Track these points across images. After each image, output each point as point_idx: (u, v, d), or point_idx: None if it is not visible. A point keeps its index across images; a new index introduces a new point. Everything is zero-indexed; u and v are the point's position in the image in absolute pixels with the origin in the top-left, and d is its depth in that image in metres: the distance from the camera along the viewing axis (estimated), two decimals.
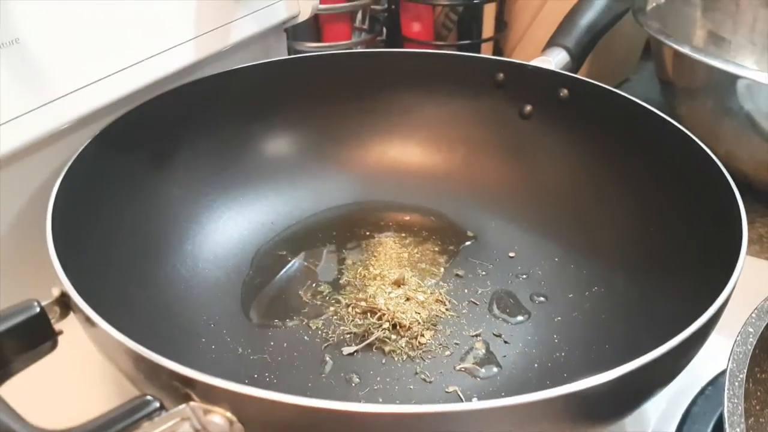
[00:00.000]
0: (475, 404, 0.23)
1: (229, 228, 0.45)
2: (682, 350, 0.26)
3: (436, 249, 0.46)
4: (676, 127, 0.40)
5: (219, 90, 0.46)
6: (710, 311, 0.27)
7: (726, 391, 0.29)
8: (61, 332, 0.26)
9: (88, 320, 0.26)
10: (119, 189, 0.39)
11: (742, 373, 0.30)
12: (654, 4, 0.62)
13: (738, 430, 0.28)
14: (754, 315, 0.33)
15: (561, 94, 0.47)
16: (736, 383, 0.30)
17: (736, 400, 0.29)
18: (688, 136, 0.39)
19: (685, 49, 0.52)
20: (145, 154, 0.42)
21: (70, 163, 0.35)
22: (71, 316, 0.27)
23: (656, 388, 0.28)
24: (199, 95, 0.45)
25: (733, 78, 0.49)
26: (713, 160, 0.37)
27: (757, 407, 0.33)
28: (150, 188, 0.41)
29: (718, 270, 0.30)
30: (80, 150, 0.36)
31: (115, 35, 0.39)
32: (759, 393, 0.33)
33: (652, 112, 0.42)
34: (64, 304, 0.27)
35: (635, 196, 0.42)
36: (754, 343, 0.31)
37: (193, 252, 0.42)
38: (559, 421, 0.26)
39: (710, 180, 0.36)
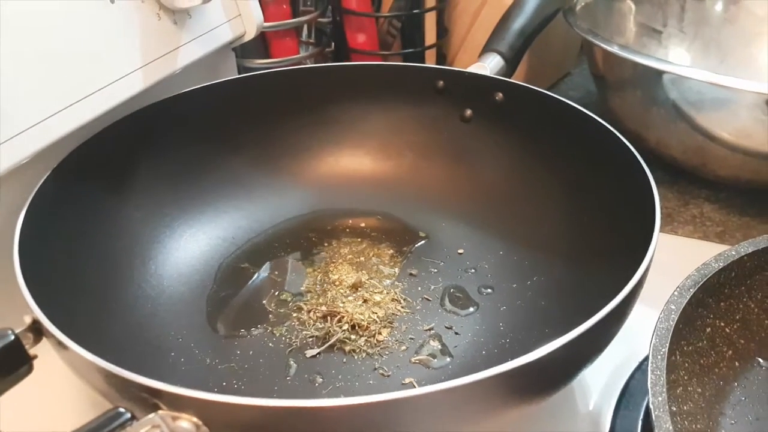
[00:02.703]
0: (424, 389, 0.26)
1: (191, 245, 0.47)
2: (600, 329, 0.29)
3: (391, 251, 0.48)
4: (598, 121, 0.43)
5: (171, 113, 0.48)
6: (618, 297, 0.30)
7: (650, 365, 0.32)
8: (35, 356, 0.28)
9: (59, 344, 0.27)
10: (82, 216, 0.41)
11: (665, 347, 0.33)
12: (583, 3, 0.66)
13: (660, 398, 0.31)
14: (676, 293, 0.36)
15: (497, 98, 0.50)
16: (659, 356, 0.33)
17: (658, 372, 0.32)
18: (608, 128, 0.43)
19: (612, 48, 0.56)
20: (104, 180, 0.44)
21: (32, 196, 0.37)
22: (44, 340, 0.29)
23: (584, 361, 0.32)
24: (152, 120, 0.47)
25: (658, 72, 0.53)
26: (631, 150, 0.40)
27: (685, 377, 0.36)
28: (111, 213, 0.43)
29: (638, 254, 0.33)
30: (41, 182, 0.38)
31: (66, 70, 0.40)
32: (686, 364, 0.37)
33: (577, 109, 0.45)
34: (37, 330, 0.29)
35: (568, 188, 0.46)
36: (676, 318, 0.35)
37: (157, 271, 0.44)
38: (503, 396, 0.28)
39: (629, 169, 0.40)
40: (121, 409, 0.24)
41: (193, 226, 0.48)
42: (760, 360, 0.39)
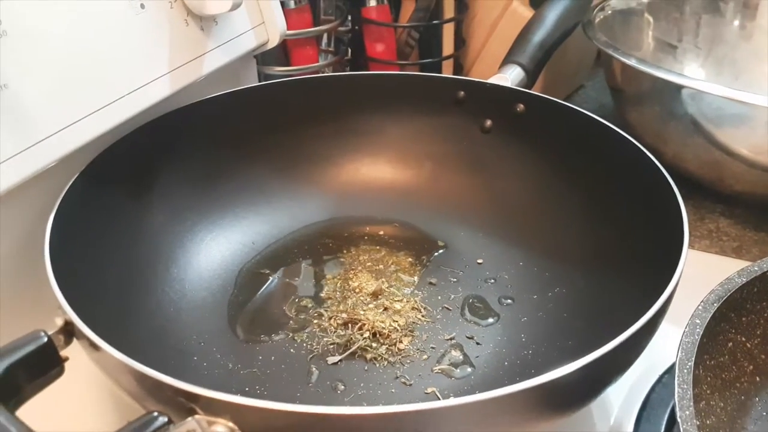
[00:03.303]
0: (452, 401, 0.26)
1: (212, 250, 0.47)
2: (629, 346, 0.29)
3: (410, 259, 0.49)
4: (621, 134, 0.44)
5: (194, 119, 0.48)
6: (651, 312, 0.30)
7: (676, 378, 0.32)
8: (67, 359, 0.28)
9: (92, 345, 0.28)
10: (107, 220, 0.41)
11: (690, 361, 0.33)
12: (602, 17, 0.66)
13: (687, 412, 0.31)
14: (700, 307, 0.36)
15: (517, 109, 0.50)
16: (685, 370, 0.33)
17: (685, 386, 0.32)
18: (632, 142, 0.43)
19: (631, 62, 0.56)
20: (128, 185, 0.44)
21: (60, 199, 0.37)
22: (75, 343, 0.29)
23: (612, 377, 0.32)
24: (176, 125, 0.47)
25: (677, 87, 0.53)
26: (656, 164, 0.41)
27: (708, 391, 0.36)
28: (134, 217, 0.43)
29: (664, 268, 0.34)
30: (69, 185, 0.38)
31: (94, 75, 0.41)
32: (709, 378, 0.37)
33: (599, 121, 0.45)
34: (68, 332, 0.29)
35: (589, 200, 0.46)
36: (701, 333, 0.35)
37: (180, 275, 0.44)
38: (529, 411, 0.29)
39: (654, 182, 0.40)
40: (156, 413, 0.24)
41: (213, 231, 0.48)
42: None
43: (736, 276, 0.38)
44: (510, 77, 0.53)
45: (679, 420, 0.30)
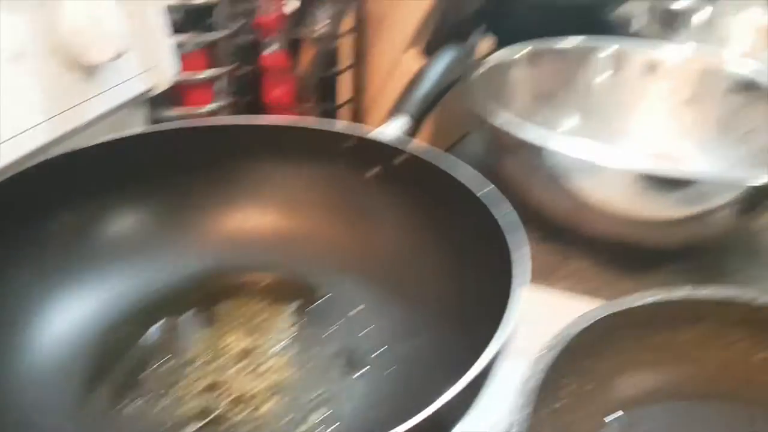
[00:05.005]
0: None
1: (74, 310, 0.45)
2: (455, 403, 0.31)
3: (290, 310, 0.48)
4: (469, 190, 0.45)
5: (68, 169, 0.47)
6: (469, 374, 0.32)
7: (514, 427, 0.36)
8: None
9: None
10: None
11: (528, 408, 0.37)
12: (481, 71, 0.71)
13: None
14: (538, 356, 0.39)
15: (395, 162, 0.51)
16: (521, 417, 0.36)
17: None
18: (479, 200, 0.44)
19: (493, 122, 0.60)
20: None
21: None
22: None
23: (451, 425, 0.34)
24: (47, 177, 0.45)
25: (533, 146, 0.58)
26: (496, 220, 0.42)
27: None
28: None
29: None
30: None
31: None
32: (550, 420, 0.40)
33: (459, 183, 0.47)
34: None
35: (454, 252, 0.47)
36: (541, 378, 0.38)
37: (35, 340, 0.42)
38: None
39: (497, 236, 0.41)
40: None
41: (78, 290, 0.46)
42: (621, 412, 0.43)
43: (572, 325, 0.42)
44: (395, 127, 0.55)
45: None
